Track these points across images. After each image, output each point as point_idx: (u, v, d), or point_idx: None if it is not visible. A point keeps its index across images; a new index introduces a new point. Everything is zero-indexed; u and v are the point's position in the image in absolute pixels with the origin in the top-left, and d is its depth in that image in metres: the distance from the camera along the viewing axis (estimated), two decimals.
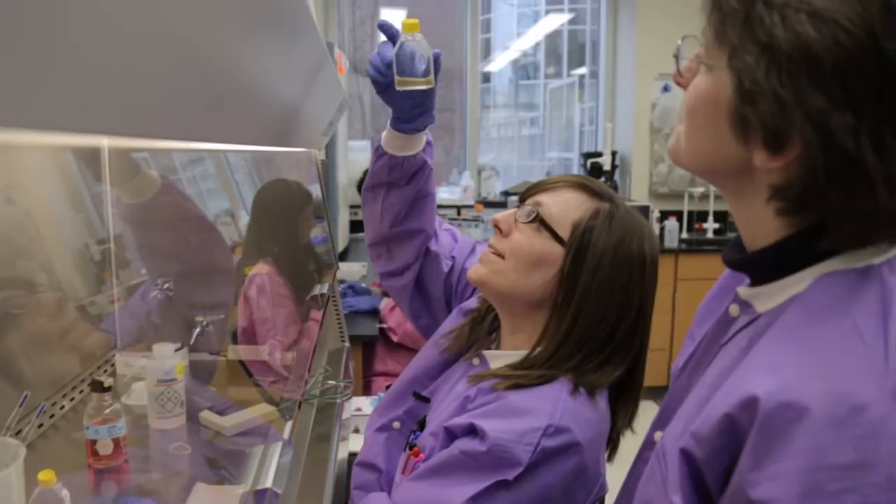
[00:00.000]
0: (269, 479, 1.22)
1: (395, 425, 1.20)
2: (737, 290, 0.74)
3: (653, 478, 0.69)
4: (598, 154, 4.70)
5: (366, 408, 1.97)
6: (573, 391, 0.99)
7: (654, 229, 4.37)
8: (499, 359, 1.10)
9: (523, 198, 1.11)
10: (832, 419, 0.54)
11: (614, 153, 4.64)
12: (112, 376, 1.49)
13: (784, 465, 0.54)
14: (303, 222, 2.25)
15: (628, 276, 1.04)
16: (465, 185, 4.74)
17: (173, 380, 1.33)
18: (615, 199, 1.08)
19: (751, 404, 0.57)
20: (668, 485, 0.64)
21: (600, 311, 1.03)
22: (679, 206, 4.57)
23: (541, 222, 1.06)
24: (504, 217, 1.10)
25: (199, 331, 1.61)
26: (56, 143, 1.19)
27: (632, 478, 0.86)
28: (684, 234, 4.50)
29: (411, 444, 1.11)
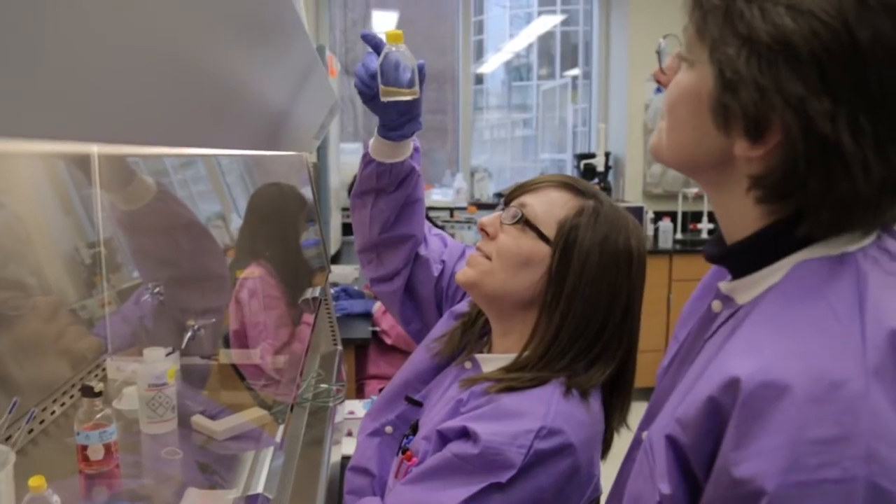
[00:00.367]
0: (260, 484, 1.22)
1: (388, 430, 1.20)
2: (718, 285, 0.75)
3: (641, 472, 0.69)
4: (592, 155, 4.71)
5: (359, 411, 1.97)
6: (566, 393, 0.99)
7: (648, 230, 4.42)
8: (490, 362, 1.10)
9: (508, 200, 1.12)
10: (812, 396, 0.55)
11: (608, 154, 4.65)
12: (103, 381, 1.48)
13: (766, 441, 0.55)
14: (295, 225, 2.24)
15: (615, 272, 1.04)
16: (458, 187, 4.75)
17: (164, 384, 1.33)
18: (599, 196, 1.09)
19: (732, 385, 0.58)
20: (655, 475, 0.65)
21: (589, 308, 1.03)
22: (673, 206, 4.58)
23: (526, 223, 1.06)
24: (490, 220, 1.10)
25: (190, 335, 1.60)
26: (44, 150, 1.19)
27: (621, 478, 0.86)
28: (678, 235, 4.51)
29: (404, 448, 1.11)
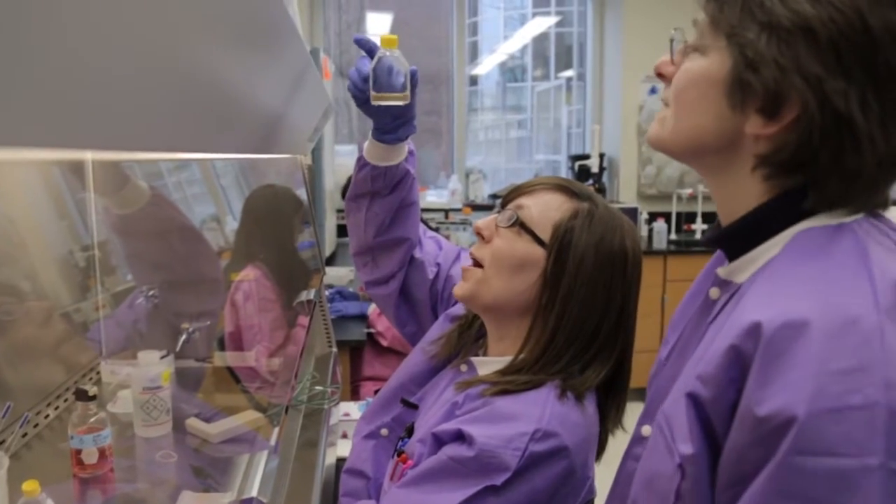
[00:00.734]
0: (255, 487, 1.22)
1: (384, 432, 1.20)
2: (716, 271, 0.79)
3: (655, 450, 0.71)
4: (586, 156, 4.71)
5: (354, 413, 1.97)
6: (561, 396, 1.00)
7: (643, 231, 4.43)
8: (486, 365, 1.10)
9: (504, 202, 1.12)
10: (830, 332, 0.59)
11: (602, 155, 4.66)
12: (97, 384, 1.48)
13: (791, 375, 0.59)
14: (291, 228, 2.24)
15: (611, 274, 1.04)
16: (453, 189, 4.74)
17: (159, 387, 1.33)
18: (594, 198, 1.09)
19: (754, 330, 0.62)
20: (675, 440, 0.67)
21: (584, 311, 1.03)
22: (667, 207, 4.59)
23: (521, 226, 1.06)
24: (485, 223, 1.11)
25: (185, 338, 1.60)
26: (37, 158, 1.18)
27: (621, 475, 0.86)
28: (673, 236, 4.52)
29: (399, 450, 1.11)
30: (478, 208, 4.59)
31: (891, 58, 0.64)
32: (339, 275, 3.30)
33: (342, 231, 4.10)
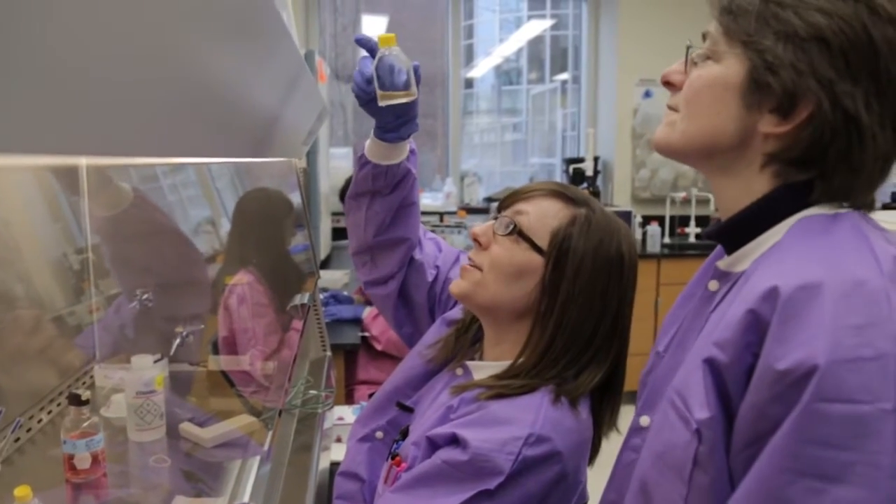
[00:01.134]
0: (247, 491, 1.21)
1: (378, 435, 1.20)
2: (716, 264, 0.84)
3: (665, 427, 0.75)
4: (581, 159, 4.72)
5: (348, 417, 1.97)
6: (555, 400, 1.00)
7: (637, 234, 4.43)
8: (482, 369, 1.10)
9: (500, 208, 1.12)
10: (842, 292, 0.65)
11: (596, 158, 4.67)
12: (90, 389, 1.47)
13: (808, 331, 0.63)
14: (284, 231, 2.24)
15: (608, 279, 1.04)
16: (448, 192, 4.75)
17: (152, 391, 1.32)
18: (591, 203, 1.09)
19: (771, 294, 0.67)
20: (691, 409, 0.71)
21: (582, 316, 1.03)
22: (661, 210, 4.60)
23: (519, 234, 1.06)
24: (483, 230, 1.10)
25: (178, 342, 1.59)
26: (31, 163, 1.18)
27: (619, 468, 0.88)
28: (666, 239, 4.53)
29: (394, 453, 1.11)
30: (473, 211, 4.59)
31: (891, 65, 0.72)
32: (333, 278, 3.30)
33: (337, 234, 4.09)
